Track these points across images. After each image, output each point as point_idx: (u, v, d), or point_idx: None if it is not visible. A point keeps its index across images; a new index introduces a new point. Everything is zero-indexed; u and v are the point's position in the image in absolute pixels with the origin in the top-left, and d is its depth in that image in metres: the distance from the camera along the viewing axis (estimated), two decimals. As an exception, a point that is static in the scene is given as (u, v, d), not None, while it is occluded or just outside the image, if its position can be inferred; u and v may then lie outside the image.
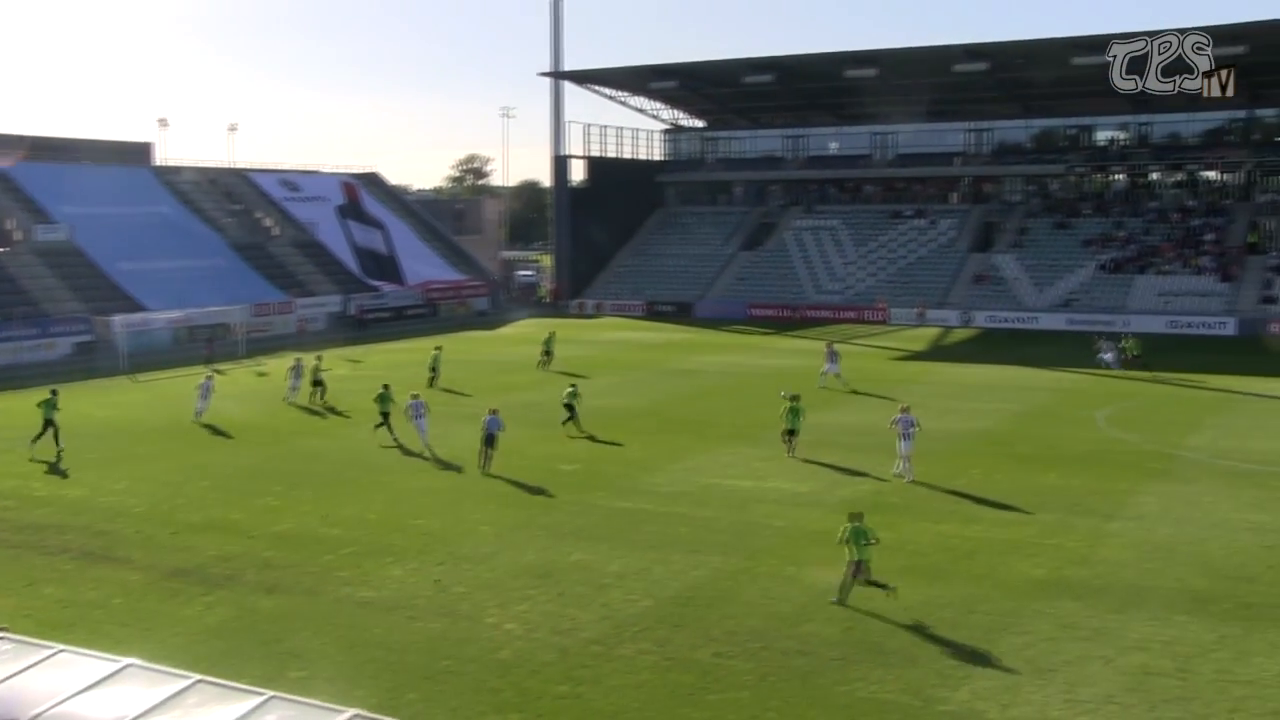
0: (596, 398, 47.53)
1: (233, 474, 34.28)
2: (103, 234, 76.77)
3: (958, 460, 34.72)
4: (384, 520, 28.68)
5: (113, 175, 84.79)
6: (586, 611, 21.92)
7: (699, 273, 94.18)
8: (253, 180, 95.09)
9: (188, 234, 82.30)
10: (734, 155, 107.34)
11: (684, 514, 28.87)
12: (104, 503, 30.89)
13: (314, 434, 40.78)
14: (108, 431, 41.76)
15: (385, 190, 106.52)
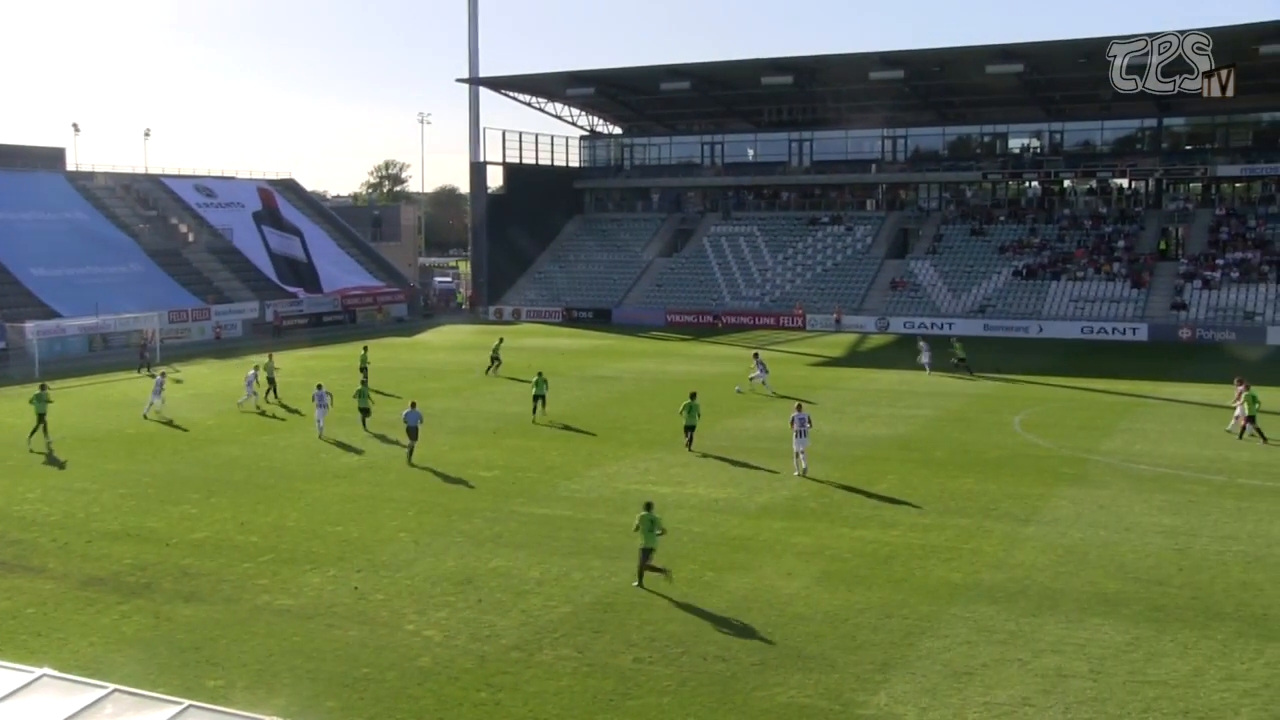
0: (514, 404, 47.57)
1: (149, 482, 33.83)
2: (15, 240, 75.43)
3: (875, 465, 35.14)
4: (302, 528, 28.47)
5: (25, 180, 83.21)
6: (506, 618, 21.92)
7: (617, 279, 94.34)
8: (168, 186, 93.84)
9: (102, 240, 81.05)
10: (652, 162, 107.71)
11: (602, 520, 28.94)
12: (18, 511, 30.36)
13: (230, 441, 40.32)
14: (22, 440, 40.92)
15: (302, 196, 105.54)
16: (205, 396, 50.55)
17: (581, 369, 58.75)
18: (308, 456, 37.50)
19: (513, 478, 33.88)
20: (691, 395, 39.12)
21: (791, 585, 23.67)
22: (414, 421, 36.96)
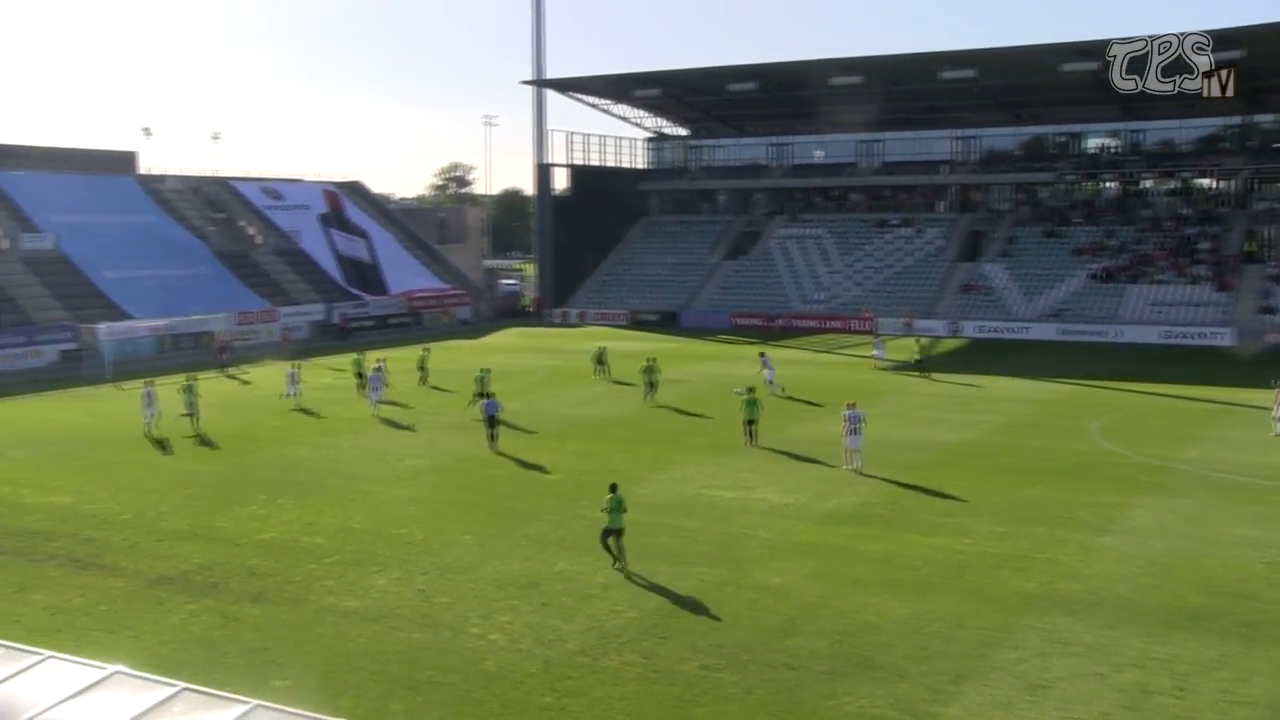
0: (579, 406, 47.71)
1: (217, 482, 34.27)
2: (88, 242, 76.84)
3: (946, 472, 34.77)
4: (367, 529, 28.69)
5: (98, 184, 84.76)
6: (571, 623, 21.93)
7: (683, 282, 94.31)
8: (236, 189, 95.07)
9: (172, 242, 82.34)
10: (718, 163, 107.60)
11: (669, 525, 28.88)
12: (91, 510, 30.89)
13: (296, 443, 40.74)
14: (93, 439, 41.73)
15: (368, 199, 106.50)
16: (271, 398, 51.11)
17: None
18: (372, 458, 37.81)
19: (577, 481, 33.91)
20: (749, 390, 39.99)
21: (861, 592, 23.49)
22: (492, 411, 39.29)
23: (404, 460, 37.41)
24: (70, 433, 43.45)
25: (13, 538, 28.23)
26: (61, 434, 43.23)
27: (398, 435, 42.16)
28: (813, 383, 54.06)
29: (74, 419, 46.83)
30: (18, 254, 72.93)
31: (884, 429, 40.55)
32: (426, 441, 40.71)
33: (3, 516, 30.32)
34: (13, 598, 23.58)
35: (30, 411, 49.14)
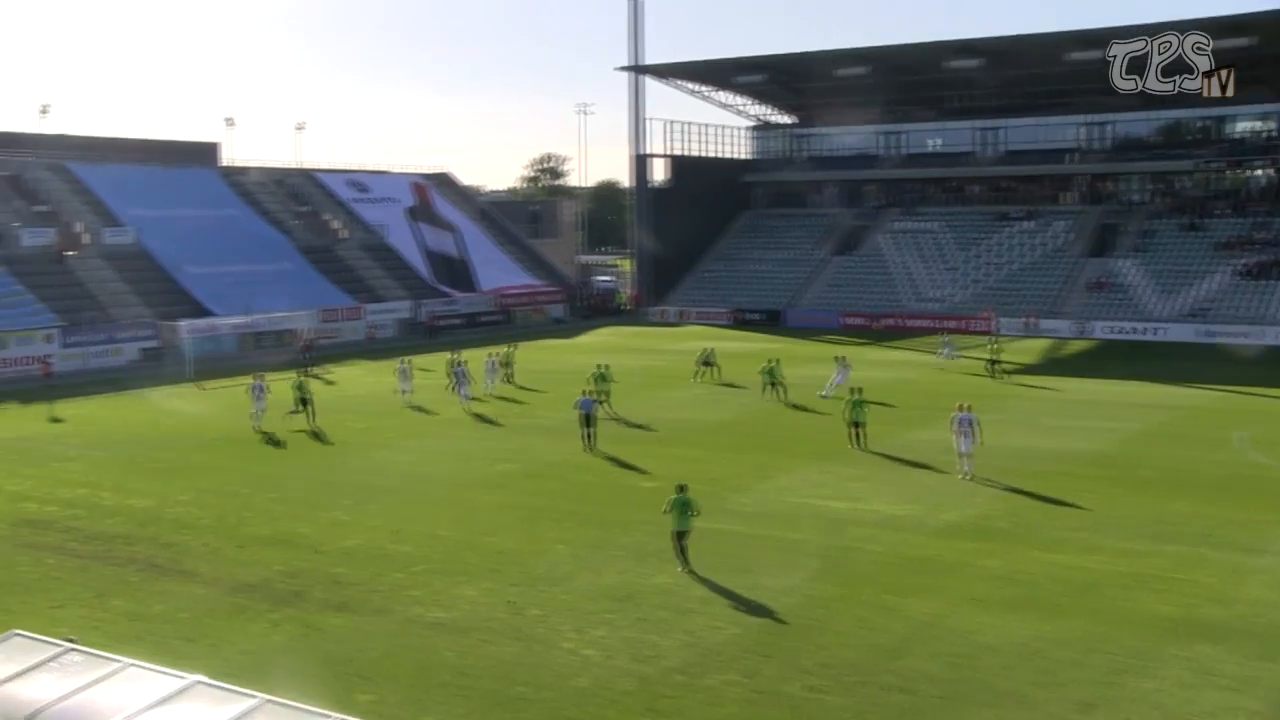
0: (676, 410, 47.72)
1: (300, 486, 34.79)
2: (169, 237, 78.47)
3: (1073, 483, 34.13)
4: (456, 537, 28.90)
5: (179, 177, 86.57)
6: (669, 638, 21.89)
7: (788, 279, 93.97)
8: (320, 181, 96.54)
9: (254, 237, 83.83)
10: (826, 153, 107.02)
11: (773, 536, 28.75)
12: (171, 514, 31.52)
13: (383, 446, 41.24)
14: (173, 440, 42.62)
15: (457, 191, 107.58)
16: (357, 399, 51.77)
17: (750, 374, 58.51)
18: (462, 462, 38.12)
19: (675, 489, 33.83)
20: (855, 390, 40.57)
21: (980, 612, 23.16)
22: (588, 408, 40.10)
23: (495, 465, 37.67)
24: (150, 433, 44.40)
25: (91, 541, 28.90)
26: (141, 434, 44.19)
27: (488, 438, 42.49)
28: (918, 386, 53.57)
29: (154, 419, 47.85)
30: (99, 249, 74.85)
31: (1005, 436, 40.01)
32: (519, 445, 40.96)
33: (81, 519, 31.07)
34: (92, 603, 24.12)
35: (110, 411, 50.30)
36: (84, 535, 29.47)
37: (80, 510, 32.08)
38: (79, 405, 51.75)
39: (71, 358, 63.81)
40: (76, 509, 32.22)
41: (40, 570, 26.57)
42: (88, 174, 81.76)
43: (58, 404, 51.92)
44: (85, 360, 64.28)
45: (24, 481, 35.98)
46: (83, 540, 29.01)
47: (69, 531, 29.88)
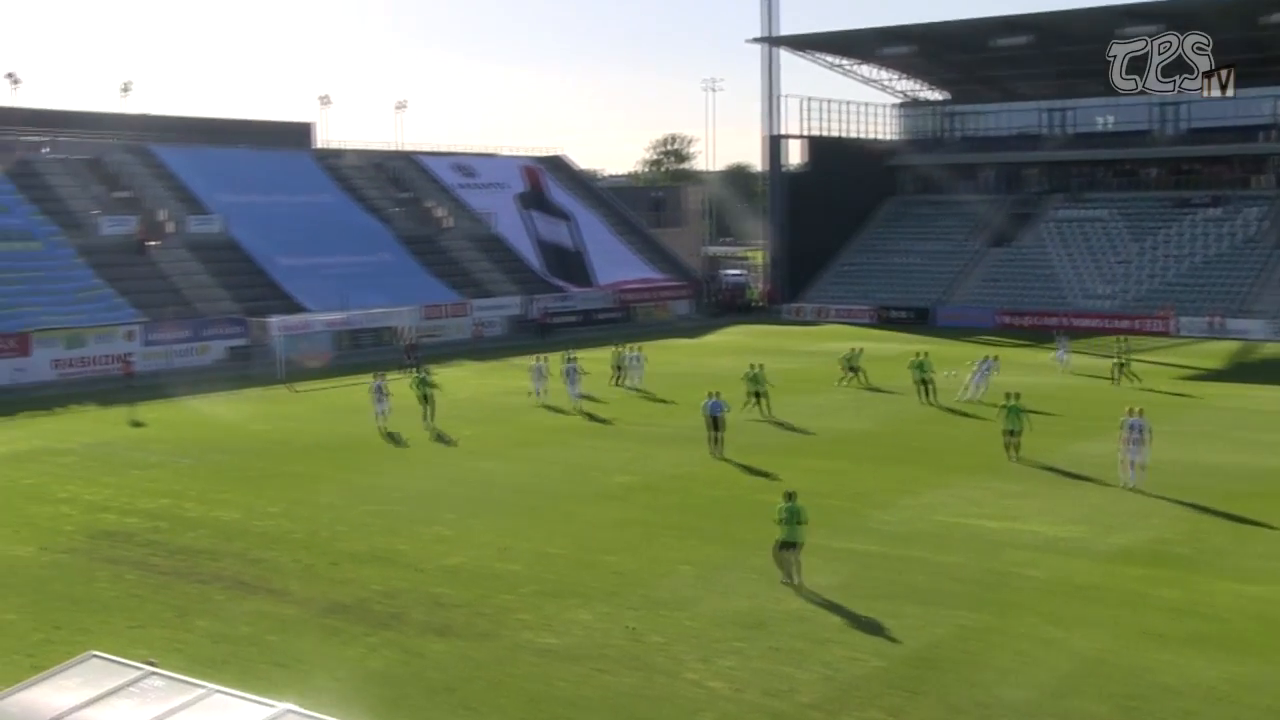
0: (815, 417, 47.48)
1: (400, 498, 35.17)
2: (259, 225, 79.89)
3: (1267, 504, 33.16)
4: (570, 556, 29.00)
5: (270, 160, 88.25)
6: (804, 670, 21.75)
7: (939, 273, 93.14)
8: (423, 164, 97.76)
9: (351, 226, 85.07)
10: (981, 133, 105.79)
11: (921, 559, 28.48)
12: (259, 527, 32.07)
13: (490, 455, 41.55)
14: (263, 447, 43.41)
15: (572, 176, 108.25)
16: (463, 403, 52.25)
17: (895, 379, 58.07)
18: (577, 474, 38.28)
19: (813, 505, 33.43)
20: (1010, 395, 40.22)
21: (1156, 648, 22.66)
22: (717, 411, 41.02)
23: (612, 476, 37.77)
24: (238, 439, 45.26)
25: (174, 556, 29.47)
26: (229, 441, 45.06)
27: (605, 447, 42.64)
28: (1084, 394, 52.71)
29: (243, 424, 48.76)
30: (183, 238, 76.48)
31: (1186, 450, 39.26)
32: (638, 455, 41.04)
33: (163, 532, 31.71)
34: (174, 623, 24.57)
35: (195, 414, 51.38)
36: (166, 549, 30.07)
37: (162, 522, 32.75)
38: (161, 408, 52.94)
39: (154, 356, 65.14)
40: (158, 521, 32.89)
41: (119, 587, 27.15)
42: (171, 157, 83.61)
43: (139, 406, 53.16)
44: (168, 359, 65.64)
45: (103, 490, 36.85)
46: (165, 555, 29.60)
47: (150, 545, 30.51)
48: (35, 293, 65.52)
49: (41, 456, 42.50)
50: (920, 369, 51.65)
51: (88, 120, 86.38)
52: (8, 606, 25.76)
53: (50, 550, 30.19)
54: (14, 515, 33.90)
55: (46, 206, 73.26)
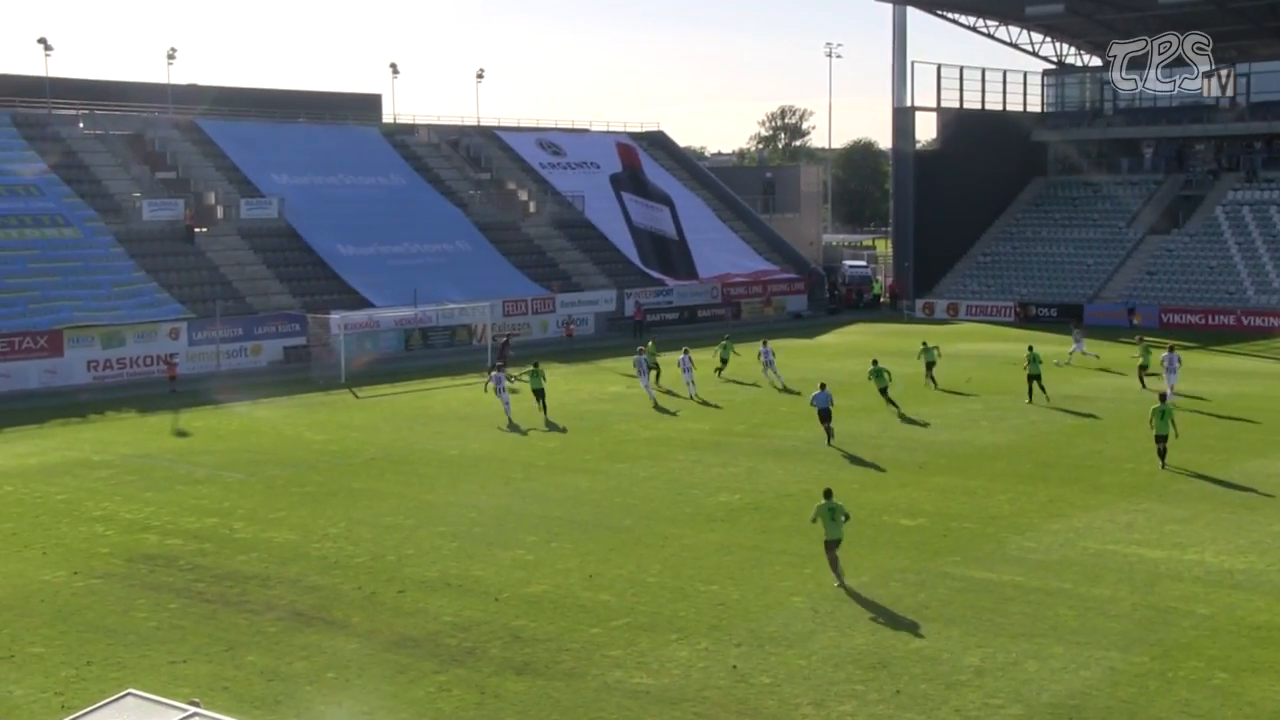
0: (950, 430, 47.20)
1: (475, 518, 35.37)
2: (320, 210, 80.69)
3: None
4: (666, 585, 29.01)
5: (333, 136, 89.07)
6: (933, 717, 21.67)
7: (1092, 264, 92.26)
8: (504, 141, 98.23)
9: (423, 210, 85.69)
10: (1143, 103, 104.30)
11: (1068, 591, 28.20)
12: (317, 550, 32.37)
13: (579, 469, 41.66)
14: (323, 460, 43.86)
15: (673, 155, 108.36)
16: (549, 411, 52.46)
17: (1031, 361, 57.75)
18: (675, 492, 38.27)
19: (944, 529, 33.53)
20: (1162, 397, 41.48)
21: (1344, 697, 22.34)
22: (824, 404, 44.45)
23: (715, 495, 37.73)
24: (294, 451, 45.75)
25: (222, 582, 29.78)
26: (284, 452, 45.55)
27: (707, 462, 42.60)
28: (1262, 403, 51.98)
29: (299, 434, 49.28)
30: (235, 224, 77.40)
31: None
32: (745, 470, 40.99)
33: (210, 556, 32.07)
34: (221, 657, 24.84)
35: (246, 423, 52.03)
36: (213, 575, 30.39)
37: (209, 544, 33.13)
38: (209, 415, 53.67)
39: (201, 357, 66.12)
40: (205, 542, 33.29)
41: (161, 617, 27.46)
42: (221, 133, 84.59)
43: (184, 414, 53.93)
44: (217, 361, 66.55)
45: (144, 508, 37.37)
46: (211, 581, 29.92)
47: (195, 570, 30.86)
48: (69, 285, 66.51)
49: (75, 469, 43.17)
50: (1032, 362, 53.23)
51: (128, 91, 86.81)
52: (36, 638, 26.12)
53: (83, 575, 30.63)
54: (44, 535, 34.47)
55: (82, 189, 74.27)
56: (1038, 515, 34.91)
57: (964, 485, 38.60)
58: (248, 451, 45.73)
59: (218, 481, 40.67)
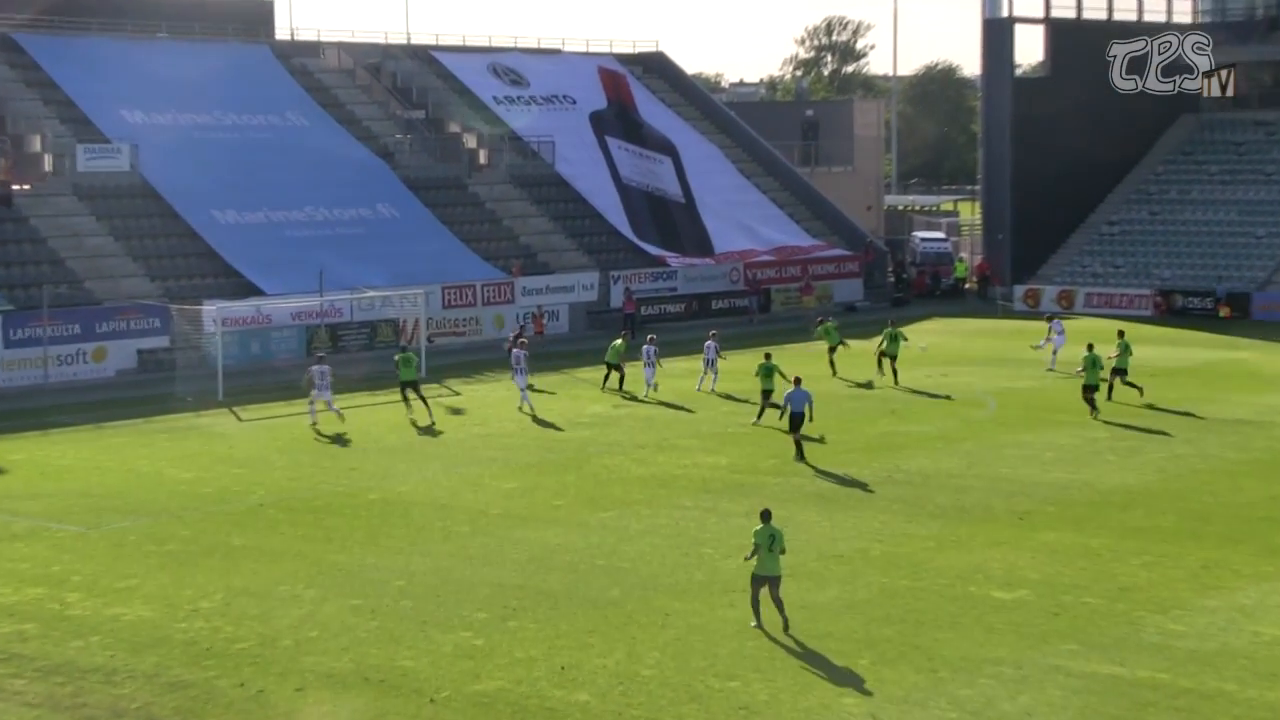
0: (1061, 468, 47.19)
1: (403, 587, 35.26)
2: (188, 160, 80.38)
3: None
4: (668, 680, 28.87)
5: (207, 58, 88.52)
6: None
7: (1264, 238, 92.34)
8: (444, 66, 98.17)
9: (331, 161, 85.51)
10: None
11: (1231, 695, 28.15)
12: (184, 632, 32.12)
13: (542, 519, 41.54)
14: (192, 507, 43.68)
15: (677, 84, 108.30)
16: (500, 439, 52.34)
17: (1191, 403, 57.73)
18: (680, 552, 38.07)
19: (1054, 605, 33.44)
20: None
21: None
22: (799, 406, 47.33)
23: (734, 556, 37.30)
24: (153, 495, 45.57)
25: (50, 678, 29.36)
26: (139, 497, 45.35)
27: (722, 509, 42.45)
28: None
29: (160, 470, 49.11)
30: (69, 180, 77.08)
31: None
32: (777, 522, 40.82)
33: (33, 641, 31.67)
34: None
35: (87, 455, 51.83)
36: (37, 668, 30.02)
37: (32, 624, 32.83)
38: (33, 445, 53.48)
39: (22, 364, 65.73)
40: (26, 622, 32.99)
41: (-39, 727, 27.33)
42: (49, 51, 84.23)
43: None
44: (45, 369, 66.06)
45: (-60, 573, 37.21)
46: (35, 676, 29.53)
47: (13, 661, 30.49)
48: None
49: None
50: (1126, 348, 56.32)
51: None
52: None
53: None
54: None
55: None
56: (1187, 587, 34.86)
57: (1082, 544, 38.56)
58: (87, 495, 45.55)
59: (44, 537, 40.47)
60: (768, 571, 30.68)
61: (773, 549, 30.68)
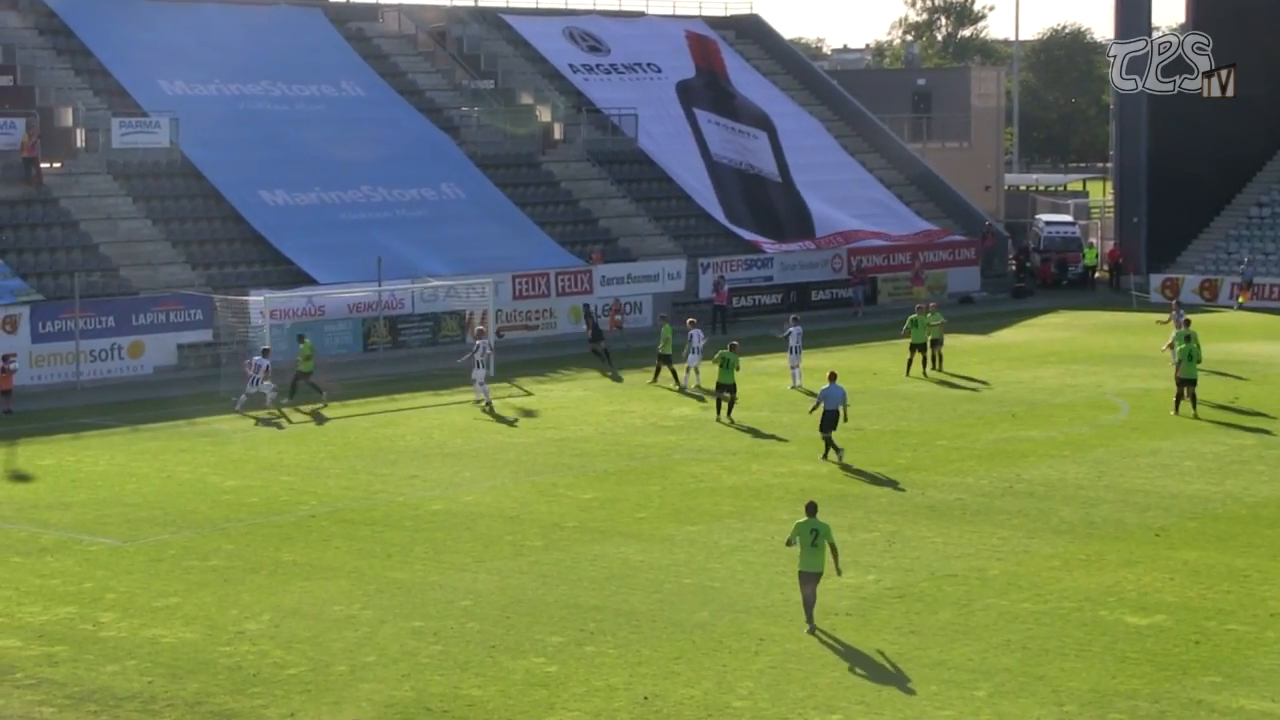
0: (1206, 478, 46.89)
1: (469, 608, 35.32)
2: (233, 136, 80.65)
3: None
4: (762, 713, 28.75)
5: (254, 22, 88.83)
6: None
7: None
8: (516, 32, 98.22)
9: (390, 136, 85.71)
10: None
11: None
12: (228, 655, 32.22)
13: (627, 534, 41.56)
14: (238, 519, 43.81)
15: (774, 51, 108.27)
16: (573, 443, 52.44)
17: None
18: (775, 571, 37.81)
19: (1196, 632, 33.22)
20: None
21: None
22: (834, 404, 48.08)
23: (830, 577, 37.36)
24: (195, 505, 45.75)
25: (82, 706, 29.50)
26: (179, 507, 45.53)
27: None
28: None
29: (203, 477, 49.33)
30: (104, 157, 77.45)
31: None
32: (882, 539, 40.70)
33: (64, 665, 31.83)
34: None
35: (122, 462, 52.13)
36: (68, 694, 30.15)
37: (63, 646, 32.96)
38: (64, 449, 53.78)
39: (52, 360, 66.22)
40: (56, 644, 33.14)
41: (-15, 758, 27.51)
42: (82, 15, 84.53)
43: (24, 446, 54.19)
44: (77, 365, 66.45)
45: (-37, 590, 37.39)
46: (66, 703, 29.65)
47: (42, 687, 30.65)
48: None
49: None
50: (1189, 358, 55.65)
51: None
52: None
53: None
54: None
55: None
56: (1352, 617, 34.64)
57: (1227, 564, 38.34)
58: (122, 505, 45.79)
59: (75, 550, 40.62)
60: (808, 568, 32.01)
61: (816, 544, 31.89)
